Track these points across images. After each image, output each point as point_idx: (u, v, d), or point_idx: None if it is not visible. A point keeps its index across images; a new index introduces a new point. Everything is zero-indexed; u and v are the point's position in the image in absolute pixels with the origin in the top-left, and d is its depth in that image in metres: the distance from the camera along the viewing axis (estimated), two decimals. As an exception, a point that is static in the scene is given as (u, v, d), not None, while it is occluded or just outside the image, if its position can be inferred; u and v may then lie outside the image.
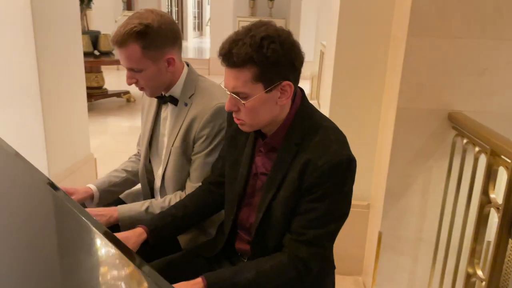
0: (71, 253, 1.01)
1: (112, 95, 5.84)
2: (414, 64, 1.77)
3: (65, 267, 0.96)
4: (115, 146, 4.19)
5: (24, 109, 2.28)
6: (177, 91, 1.46)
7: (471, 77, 1.75)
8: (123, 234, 1.24)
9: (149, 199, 1.50)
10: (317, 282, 1.23)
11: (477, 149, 1.60)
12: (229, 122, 1.29)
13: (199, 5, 15.54)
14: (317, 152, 1.08)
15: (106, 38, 5.48)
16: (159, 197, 1.56)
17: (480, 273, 1.57)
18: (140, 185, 1.66)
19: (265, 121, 1.12)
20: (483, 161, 1.54)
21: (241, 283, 1.08)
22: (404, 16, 1.79)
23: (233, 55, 1.03)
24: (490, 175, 1.49)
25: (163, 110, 1.54)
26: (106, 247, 1.00)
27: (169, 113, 1.51)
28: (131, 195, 1.68)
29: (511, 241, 1.43)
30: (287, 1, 8.94)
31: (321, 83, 4.91)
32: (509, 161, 1.38)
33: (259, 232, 1.18)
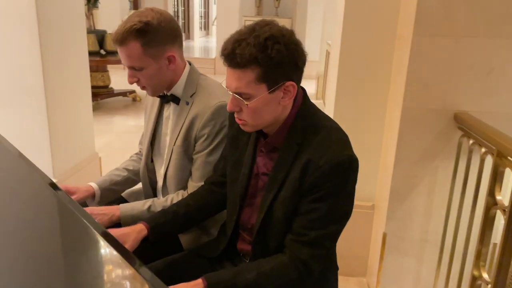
0: (70, 254, 1.00)
1: (118, 94, 5.86)
2: (419, 63, 1.75)
3: (63, 269, 0.96)
4: (120, 145, 4.20)
5: (28, 108, 2.29)
6: (178, 90, 1.46)
7: (478, 76, 1.73)
8: (123, 230, 1.24)
9: (151, 198, 1.49)
10: (319, 282, 1.22)
11: (484, 150, 1.58)
12: (231, 122, 1.28)
13: (206, 5, 15.58)
14: (318, 152, 1.07)
15: (112, 37, 5.51)
16: (161, 196, 1.55)
17: (485, 276, 1.55)
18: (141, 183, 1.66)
19: (267, 122, 1.11)
20: (490, 162, 1.51)
21: (242, 284, 1.07)
22: (409, 15, 1.77)
23: (237, 55, 1.01)
24: (496, 177, 1.47)
25: (165, 109, 1.53)
26: (104, 249, 0.99)
27: (171, 112, 1.50)
28: (133, 194, 1.68)
29: (517, 243, 1.40)
30: (293, 0, 8.92)
31: (327, 83, 4.88)
32: (516, 162, 1.37)
33: (260, 232, 1.17)
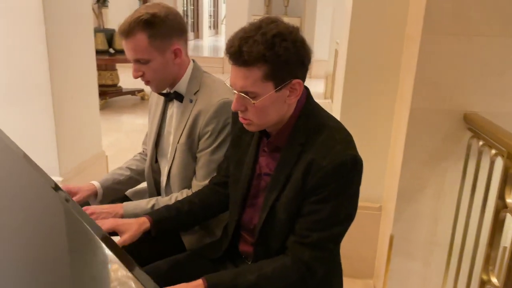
0: (69, 255, 1.00)
1: (126, 93, 5.89)
2: (429, 63, 1.72)
3: (61, 270, 0.95)
4: (128, 144, 4.21)
5: (35, 106, 2.30)
6: (182, 87, 1.44)
7: (488, 77, 1.69)
8: (125, 220, 1.23)
9: (155, 197, 1.48)
10: (323, 284, 1.20)
11: (494, 151, 1.55)
12: (234, 120, 1.27)
13: (215, 4, 15.60)
14: (321, 152, 1.05)
15: (121, 36, 5.53)
16: (165, 195, 1.54)
17: (495, 280, 1.51)
18: (145, 183, 1.65)
19: (273, 121, 1.10)
20: (500, 164, 1.48)
21: (243, 285, 1.06)
22: (418, 13, 1.74)
23: (244, 53, 0.99)
24: (506, 179, 1.43)
25: (169, 108, 1.53)
26: (103, 251, 0.98)
27: (174, 110, 1.49)
28: (138, 193, 1.67)
29: (528, 248, 1.37)
30: (302, -1, 8.89)
31: (335, 82, 4.85)
32: (527, 164, 1.33)
33: (262, 233, 1.16)
